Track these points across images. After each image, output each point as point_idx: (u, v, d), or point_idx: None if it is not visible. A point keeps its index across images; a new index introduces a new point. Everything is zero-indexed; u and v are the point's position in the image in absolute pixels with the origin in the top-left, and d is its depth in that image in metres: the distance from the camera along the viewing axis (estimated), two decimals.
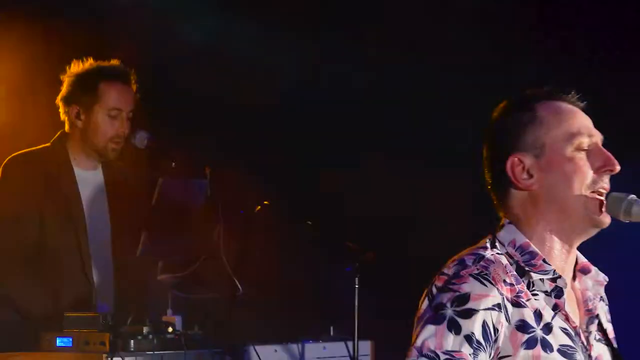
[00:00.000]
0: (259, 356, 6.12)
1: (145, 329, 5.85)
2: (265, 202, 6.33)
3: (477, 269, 3.42)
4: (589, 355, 3.51)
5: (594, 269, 3.63)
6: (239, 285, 6.14)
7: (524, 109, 3.60)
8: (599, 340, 3.59)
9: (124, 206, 6.42)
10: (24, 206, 6.28)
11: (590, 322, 3.56)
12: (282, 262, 6.99)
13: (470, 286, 3.39)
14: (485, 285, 3.41)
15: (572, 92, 3.62)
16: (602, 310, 3.72)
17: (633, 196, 3.51)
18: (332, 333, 6.38)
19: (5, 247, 6.21)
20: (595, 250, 3.82)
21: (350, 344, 6.06)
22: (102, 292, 6.30)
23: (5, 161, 6.24)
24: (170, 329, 5.93)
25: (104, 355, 5.61)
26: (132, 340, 5.75)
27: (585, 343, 3.53)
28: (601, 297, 3.74)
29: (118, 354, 5.64)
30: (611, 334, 3.68)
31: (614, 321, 3.73)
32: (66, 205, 6.32)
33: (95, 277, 6.28)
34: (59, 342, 5.80)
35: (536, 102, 3.62)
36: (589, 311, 3.59)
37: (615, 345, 3.66)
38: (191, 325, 6.06)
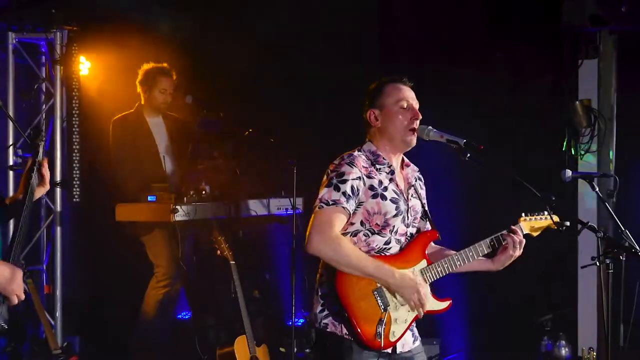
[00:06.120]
0: (247, 205, 6.55)
1: (191, 192, 6.31)
2: (251, 130, 6.59)
3: (349, 160, 3.78)
4: (408, 204, 3.87)
5: (411, 165, 4.01)
6: (238, 171, 6.54)
7: (379, 86, 3.89)
8: (415, 197, 3.95)
9: (175, 133, 6.69)
10: (126, 140, 6.47)
11: (408, 188, 3.92)
12: (258, 160, 6.90)
13: (344, 168, 3.76)
14: (352, 168, 3.76)
15: (405, 78, 3.90)
16: (419, 186, 4.00)
17: (430, 127, 3.84)
18: (283, 193, 6.64)
19: (125, 157, 6.45)
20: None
21: (291, 199, 6.21)
22: (171, 176, 6.55)
23: (113, 119, 6.57)
24: (203, 192, 6.39)
25: (171, 205, 6.08)
26: (185, 197, 6.24)
27: (405, 198, 3.88)
28: (420, 179, 4.02)
29: (177, 204, 6.10)
30: (422, 195, 4.00)
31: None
32: (145, 135, 6.58)
33: (167, 169, 6.53)
34: (149, 198, 6.28)
35: (385, 83, 3.90)
36: (409, 184, 3.93)
37: (422, 200, 3.98)
38: (214, 190, 6.49)
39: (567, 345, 6.49)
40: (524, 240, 3.90)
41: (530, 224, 3.99)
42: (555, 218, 3.92)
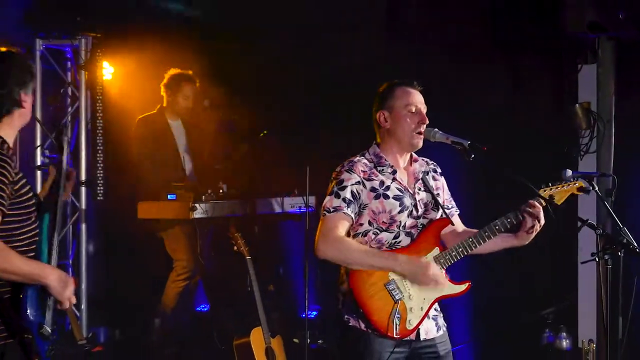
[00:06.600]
0: (262, 203, 6.67)
1: (209, 190, 6.41)
2: (265, 131, 6.73)
3: (348, 167, 3.88)
4: (415, 198, 3.91)
5: (419, 159, 4.03)
6: (253, 171, 6.66)
7: (389, 88, 3.88)
8: (424, 190, 3.95)
9: (194, 134, 6.79)
10: (149, 140, 6.53)
11: (415, 183, 3.95)
12: (272, 160, 7.01)
13: (344, 175, 3.85)
14: (351, 174, 3.86)
15: (415, 82, 3.95)
16: (431, 177, 3.98)
17: (437, 129, 3.88)
18: (296, 192, 6.80)
19: (147, 155, 6.50)
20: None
21: (304, 197, 6.18)
22: (190, 176, 6.66)
23: (137, 119, 6.68)
24: (221, 191, 6.51)
25: (190, 203, 6.18)
26: (203, 196, 6.33)
27: (412, 192, 3.91)
28: (431, 172, 4.01)
29: (196, 202, 6.18)
30: (433, 187, 3.96)
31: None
32: (167, 136, 6.67)
33: (186, 168, 6.63)
34: (169, 196, 6.36)
35: (396, 85, 3.93)
36: (415, 178, 3.95)
37: (433, 192, 3.94)
38: (230, 189, 6.61)
39: (568, 337, 6.52)
40: (541, 210, 3.82)
41: (551, 192, 3.91)
42: (580, 184, 3.93)
